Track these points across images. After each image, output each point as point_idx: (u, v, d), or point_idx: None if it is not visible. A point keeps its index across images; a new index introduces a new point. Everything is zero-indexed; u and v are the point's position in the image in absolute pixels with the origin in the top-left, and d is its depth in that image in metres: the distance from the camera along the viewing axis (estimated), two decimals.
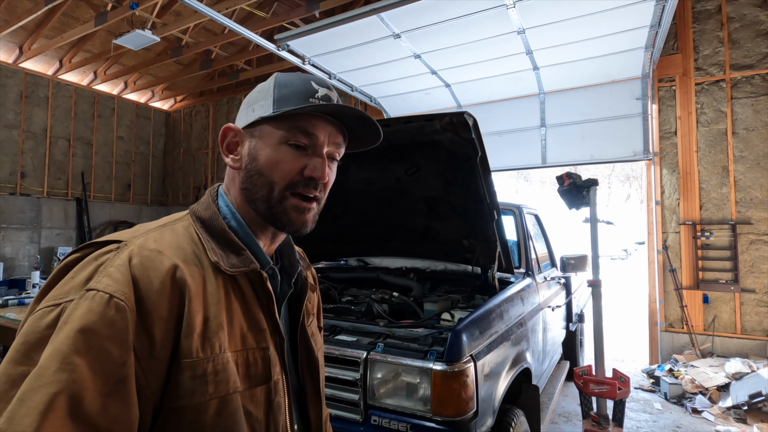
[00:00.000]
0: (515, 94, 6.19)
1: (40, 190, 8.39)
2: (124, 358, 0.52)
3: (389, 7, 4.14)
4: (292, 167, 0.68)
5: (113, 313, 0.53)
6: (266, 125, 0.69)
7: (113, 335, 0.52)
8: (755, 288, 4.80)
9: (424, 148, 2.25)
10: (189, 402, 0.57)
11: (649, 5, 4.02)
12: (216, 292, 0.63)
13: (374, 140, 0.78)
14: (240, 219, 0.71)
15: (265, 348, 0.67)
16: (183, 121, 10.53)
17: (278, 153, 0.68)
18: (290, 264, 0.80)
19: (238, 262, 0.66)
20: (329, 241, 3.04)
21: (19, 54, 7.81)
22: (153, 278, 0.57)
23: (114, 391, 0.51)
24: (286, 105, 0.68)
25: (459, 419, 1.62)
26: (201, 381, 0.58)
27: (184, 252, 0.63)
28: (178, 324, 0.58)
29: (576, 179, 3.13)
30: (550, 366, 3.14)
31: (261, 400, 0.65)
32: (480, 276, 2.68)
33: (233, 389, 0.61)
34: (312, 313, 0.88)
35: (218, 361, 0.60)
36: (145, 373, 0.55)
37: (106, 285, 0.54)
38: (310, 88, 0.69)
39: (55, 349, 0.50)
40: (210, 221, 0.69)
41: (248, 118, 0.71)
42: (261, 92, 0.71)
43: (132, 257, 0.58)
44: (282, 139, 0.68)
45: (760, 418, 3.65)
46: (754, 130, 4.90)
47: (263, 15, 6.70)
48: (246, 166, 0.70)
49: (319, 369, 0.82)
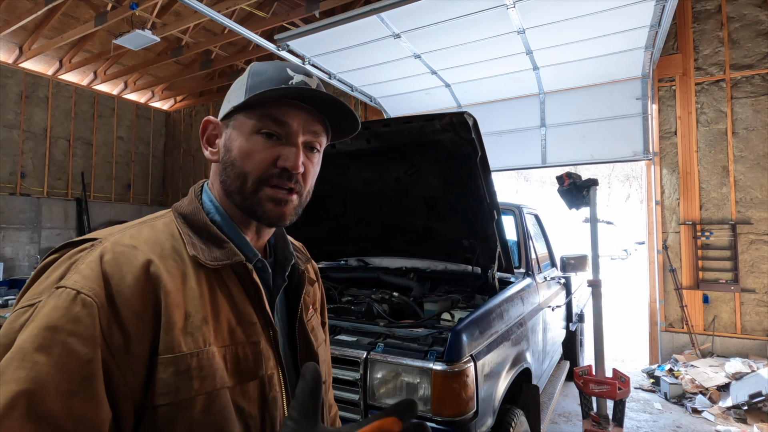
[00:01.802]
0: (515, 94, 6.19)
1: (40, 190, 8.39)
2: (90, 356, 0.50)
3: (389, 7, 4.14)
4: (264, 157, 0.66)
5: (78, 309, 0.51)
6: (239, 115, 0.68)
7: (78, 331, 0.50)
8: (755, 288, 4.80)
9: (424, 148, 2.25)
10: (174, 398, 0.55)
11: (649, 5, 4.02)
12: (197, 287, 0.61)
13: (352, 128, 0.76)
14: (224, 212, 0.70)
15: (256, 342, 0.65)
16: (183, 121, 10.53)
17: (250, 143, 0.66)
18: (284, 257, 0.78)
19: (220, 255, 0.65)
20: (329, 241, 3.04)
21: (19, 54, 7.81)
22: (125, 273, 0.56)
23: (79, 390, 0.49)
24: (256, 91, 0.66)
25: (459, 419, 1.62)
26: (185, 377, 0.56)
27: (161, 247, 0.62)
28: (156, 319, 0.56)
29: (576, 179, 3.13)
30: (550, 366, 3.14)
31: (254, 396, 0.63)
32: (480, 276, 2.68)
33: (220, 384, 0.59)
34: (313, 307, 0.86)
35: (203, 356, 0.58)
36: (122, 370, 0.53)
37: (74, 281, 0.53)
38: (284, 74, 0.68)
39: (17, 347, 0.48)
40: (192, 216, 0.68)
41: (224, 110, 0.70)
42: (237, 83, 0.71)
43: (105, 253, 0.57)
44: (254, 128, 0.67)
45: (760, 418, 3.65)
46: (754, 130, 4.91)
47: (263, 15, 6.70)
48: (222, 158, 0.69)
49: (318, 363, 0.79)
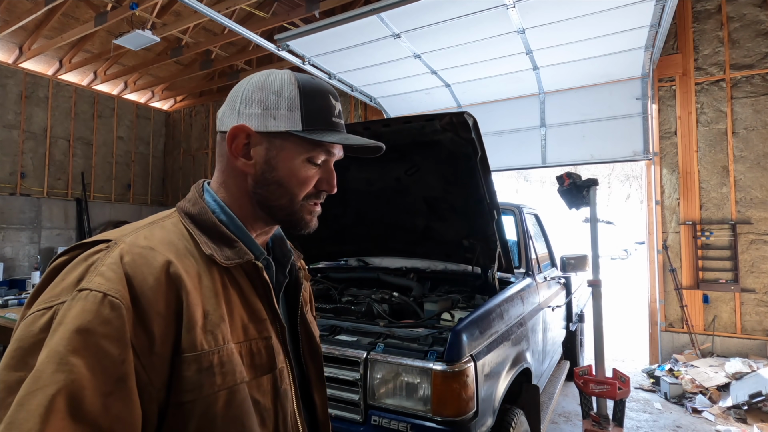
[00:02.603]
0: (515, 94, 6.19)
1: (40, 191, 8.39)
2: (123, 356, 0.52)
3: (389, 7, 4.14)
4: (312, 182, 0.72)
5: (108, 311, 0.52)
6: (292, 138, 0.69)
7: (110, 333, 0.51)
8: (755, 288, 4.80)
9: (424, 148, 2.25)
10: (198, 395, 0.57)
11: (649, 5, 4.02)
12: (212, 285, 0.63)
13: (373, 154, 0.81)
14: (230, 212, 0.71)
15: (268, 337, 0.68)
16: (183, 121, 10.53)
17: (302, 169, 0.71)
18: (282, 254, 0.81)
19: (232, 255, 0.66)
20: (329, 241, 3.04)
21: (19, 54, 7.80)
22: (147, 275, 0.57)
23: (114, 390, 0.50)
24: (314, 123, 0.69)
25: (459, 419, 1.62)
26: (208, 373, 0.58)
27: (176, 247, 0.63)
28: (178, 319, 0.58)
29: (576, 179, 3.13)
30: (550, 366, 3.14)
31: (268, 389, 0.66)
32: (480, 276, 2.68)
33: (240, 379, 0.61)
34: (307, 301, 0.90)
35: (223, 353, 0.60)
36: (147, 370, 0.54)
37: (99, 284, 0.54)
38: (330, 105, 0.72)
39: (51, 351, 0.49)
40: (199, 216, 0.69)
41: (267, 125, 0.68)
42: (280, 97, 0.69)
43: (123, 255, 0.57)
44: (306, 156, 0.70)
45: (760, 417, 3.65)
46: (754, 129, 4.90)
47: (263, 15, 6.70)
48: (262, 173, 0.70)
49: (321, 355, 0.84)
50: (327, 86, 0.73)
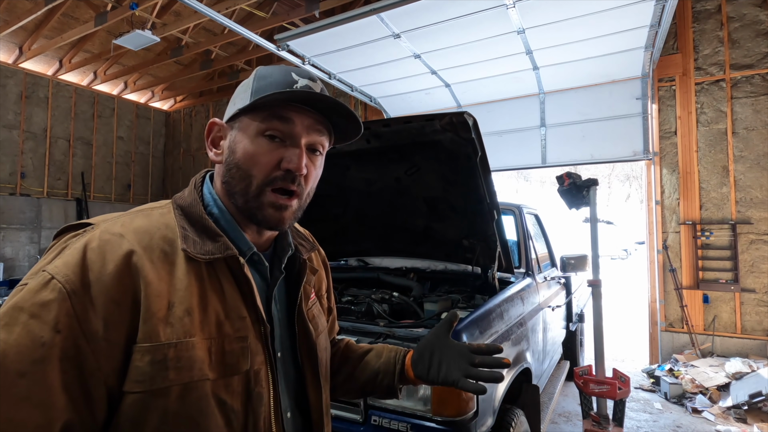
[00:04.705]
0: (515, 94, 6.19)
1: (40, 191, 8.39)
2: (46, 340, 0.52)
3: (389, 7, 4.14)
4: (269, 160, 0.67)
5: (47, 293, 0.53)
6: (244, 117, 0.69)
7: (40, 314, 0.52)
8: (755, 288, 4.80)
9: (424, 148, 2.24)
10: (148, 387, 0.56)
11: (649, 5, 4.02)
12: (185, 278, 0.62)
13: (355, 131, 0.78)
14: (222, 206, 0.71)
15: (244, 337, 0.65)
16: (183, 121, 10.53)
17: (255, 145, 0.68)
18: (281, 248, 0.78)
19: (213, 249, 0.65)
20: (329, 241, 3.03)
21: (19, 54, 7.81)
22: (108, 261, 0.57)
23: (29, 371, 0.50)
24: (262, 94, 0.67)
25: (459, 419, 1.62)
26: (161, 366, 0.57)
27: (150, 237, 0.63)
28: (135, 308, 0.57)
29: (576, 179, 3.13)
30: (550, 366, 3.14)
31: (238, 390, 0.63)
32: (480, 276, 2.68)
33: (199, 377, 0.59)
34: (317, 294, 0.88)
35: (181, 347, 0.58)
36: (96, 355, 0.54)
37: (55, 267, 0.56)
38: (289, 78, 0.69)
39: None
40: (189, 208, 0.69)
41: (229, 112, 0.72)
42: (243, 86, 0.72)
43: (91, 241, 0.59)
44: (259, 130, 0.68)
45: (760, 417, 3.65)
46: (754, 129, 4.91)
47: (263, 15, 6.70)
48: (226, 160, 0.70)
49: (317, 353, 0.80)
50: (293, 67, 0.73)
